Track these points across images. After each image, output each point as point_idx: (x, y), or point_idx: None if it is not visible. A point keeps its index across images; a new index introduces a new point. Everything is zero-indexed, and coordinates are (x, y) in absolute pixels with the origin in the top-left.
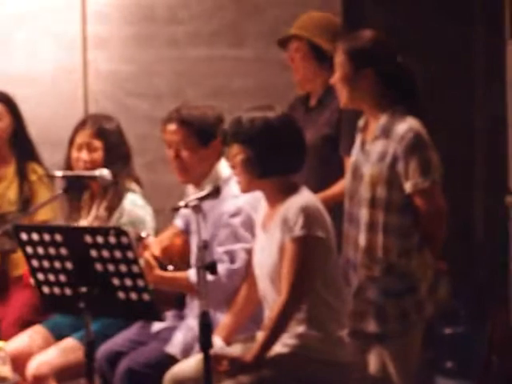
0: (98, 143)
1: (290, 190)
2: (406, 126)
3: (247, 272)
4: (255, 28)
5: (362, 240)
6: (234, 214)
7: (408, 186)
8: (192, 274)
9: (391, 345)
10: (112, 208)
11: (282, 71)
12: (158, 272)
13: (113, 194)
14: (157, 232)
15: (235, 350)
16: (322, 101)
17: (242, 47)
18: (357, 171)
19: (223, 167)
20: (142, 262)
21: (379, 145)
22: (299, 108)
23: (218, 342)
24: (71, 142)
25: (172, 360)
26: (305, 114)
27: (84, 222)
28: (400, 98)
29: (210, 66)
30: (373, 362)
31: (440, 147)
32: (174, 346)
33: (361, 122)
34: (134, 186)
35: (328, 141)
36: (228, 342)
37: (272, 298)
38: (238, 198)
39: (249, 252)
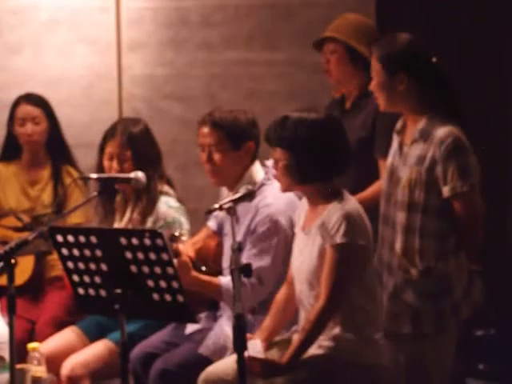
0: (127, 153)
1: (333, 194)
2: (446, 130)
3: (286, 274)
4: (288, 31)
5: (399, 243)
6: (267, 227)
7: (446, 190)
8: (223, 278)
9: (427, 345)
10: (146, 212)
11: (314, 74)
12: (194, 274)
13: (147, 198)
14: (190, 234)
15: (271, 352)
16: (357, 103)
17: (275, 50)
18: (393, 174)
19: (257, 170)
20: (175, 262)
21: (418, 148)
22: (335, 111)
23: (258, 344)
24: (102, 149)
25: (205, 361)
26: (340, 117)
27: (118, 225)
28: (439, 101)
29: (243, 69)
30: (408, 363)
31: (477, 152)
32: (207, 348)
33: (398, 125)
34: (166, 188)
35: (363, 143)
36: (268, 344)
37: (308, 301)
38: (272, 206)
39: (277, 264)
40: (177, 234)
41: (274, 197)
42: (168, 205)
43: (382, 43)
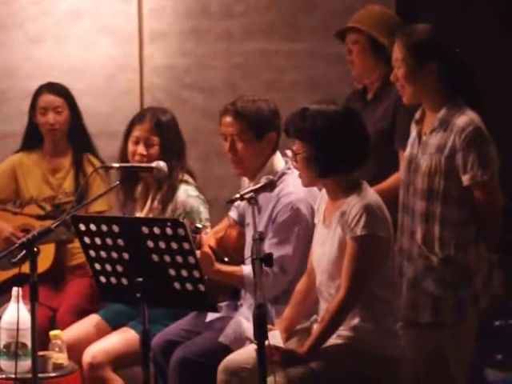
0: (155, 138)
1: (353, 186)
2: (466, 118)
3: (307, 263)
4: (309, 22)
5: (419, 231)
6: (288, 216)
7: (466, 179)
8: (245, 268)
9: (446, 334)
10: (166, 200)
11: (334, 65)
12: (217, 266)
13: (167, 187)
14: (210, 223)
15: (290, 342)
16: (378, 94)
17: (296, 41)
18: (412, 163)
19: (278, 160)
20: (198, 253)
21: (437, 137)
22: (356, 101)
23: (277, 335)
24: (127, 134)
25: (225, 350)
26: (362, 108)
27: (139, 214)
28: (459, 90)
29: (263, 60)
30: (427, 352)
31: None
32: (227, 336)
33: (417, 115)
34: (186, 176)
35: (383, 134)
36: (287, 334)
37: (328, 292)
38: (292, 195)
39: (299, 252)
40: (199, 225)
41: (295, 186)
42: (187, 193)
43: (408, 31)
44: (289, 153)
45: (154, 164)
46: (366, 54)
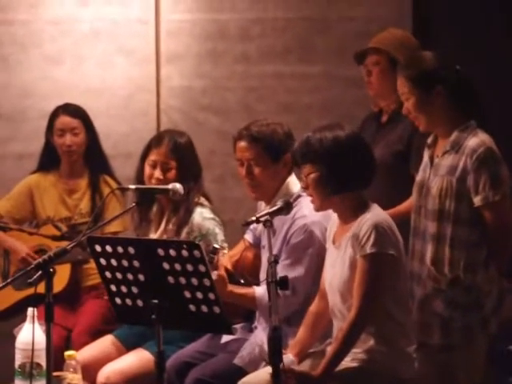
0: (172, 162)
1: (362, 206)
2: (478, 140)
3: (319, 287)
4: (324, 45)
5: (429, 252)
6: (302, 238)
7: (477, 200)
8: (258, 290)
9: (456, 356)
10: (182, 223)
11: (349, 88)
12: (230, 288)
13: (184, 209)
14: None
15: (304, 364)
16: (393, 117)
17: (311, 64)
18: (423, 186)
19: (294, 183)
20: (214, 275)
21: (449, 159)
22: (371, 124)
23: (290, 358)
24: (144, 157)
25: (240, 372)
26: (377, 130)
27: (153, 235)
28: (470, 113)
29: (279, 82)
30: (437, 374)
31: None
32: (242, 358)
33: (429, 139)
34: (202, 199)
35: (399, 157)
36: (301, 357)
37: (341, 314)
38: (307, 218)
39: (311, 275)
40: (217, 246)
41: (310, 208)
42: (202, 216)
43: (409, 64)
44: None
45: (170, 186)
46: (385, 76)
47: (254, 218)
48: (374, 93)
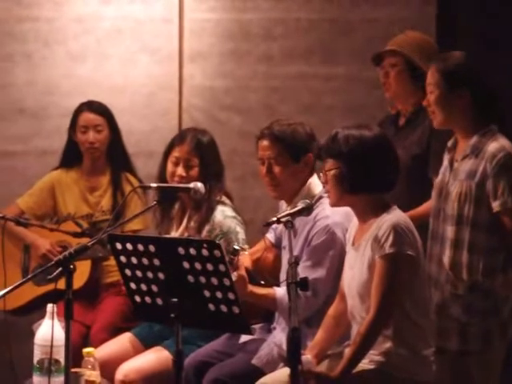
0: (195, 160)
1: (382, 207)
2: (498, 145)
3: (333, 291)
4: (348, 46)
5: (447, 256)
6: (324, 239)
7: (496, 205)
8: (279, 290)
9: (473, 361)
10: (203, 221)
11: (372, 89)
12: (250, 288)
13: (206, 207)
14: (246, 244)
15: (322, 365)
16: (411, 121)
17: (334, 65)
18: (443, 190)
19: (315, 183)
20: (234, 275)
21: (469, 163)
22: (389, 127)
23: (308, 359)
24: (167, 154)
25: (258, 372)
26: (394, 133)
27: (174, 233)
28: (491, 117)
29: (302, 83)
30: (454, 379)
31: None
32: (260, 359)
33: (450, 143)
34: (223, 198)
35: (417, 160)
36: (319, 359)
37: (360, 315)
38: (329, 219)
39: (332, 276)
40: (237, 247)
41: (332, 209)
42: (224, 214)
43: (443, 57)
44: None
45: (191, 185)
46: (402, 78)
47: (274, 219)
48: (390, 95)
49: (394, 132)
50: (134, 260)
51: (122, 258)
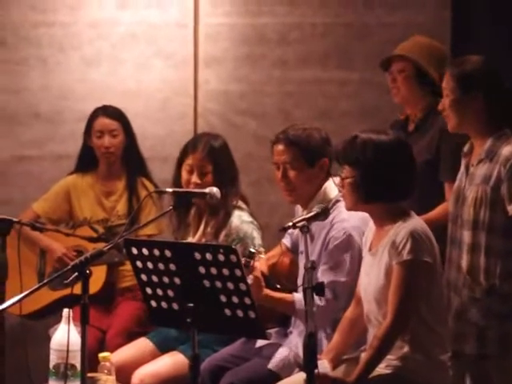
0: (209, 167)
1: (399, 214)
2: (511, 148)
3: (354, 294)
4: (363, 51)
5: (464, 261)
6: (341, 241)
7: (511, 209)
8: (297, 295)
9: (492, 366)
10: (220, 226)
11: (387, 95)
12: (266, 292)
13: (223, 213)
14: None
15: (338, 371)
16: (420, 126)
17: (350, 69)
18: (460, 195)
19: (331, 188)
20: (250, 279)
21: (484, 167)
22: (398, 132)
23: (324, 364)
24: (180, 162)
25: (274, 377)
26: (404, 139)
27: (191, 239)
28: (506, 121)
29: (317, 88)
30: (476, 383)
31: None
32: (276, 363)
33: (466, 147)
34: (240, 202)
35: (427, 165)
36: (335, 363)
37: (377, 320)
38: (346, 222)
39: (351, 278)
40: (253, 250)
41: (349, 213)
42: (241, 219)
43: (457, 62)
44: (336, 180)
45: (207, 190)
46: (411, 84)
47: (290, 224)
48: (398, 100)
49: (404, 138)
50: (149, 265)
51: (138, 263)
